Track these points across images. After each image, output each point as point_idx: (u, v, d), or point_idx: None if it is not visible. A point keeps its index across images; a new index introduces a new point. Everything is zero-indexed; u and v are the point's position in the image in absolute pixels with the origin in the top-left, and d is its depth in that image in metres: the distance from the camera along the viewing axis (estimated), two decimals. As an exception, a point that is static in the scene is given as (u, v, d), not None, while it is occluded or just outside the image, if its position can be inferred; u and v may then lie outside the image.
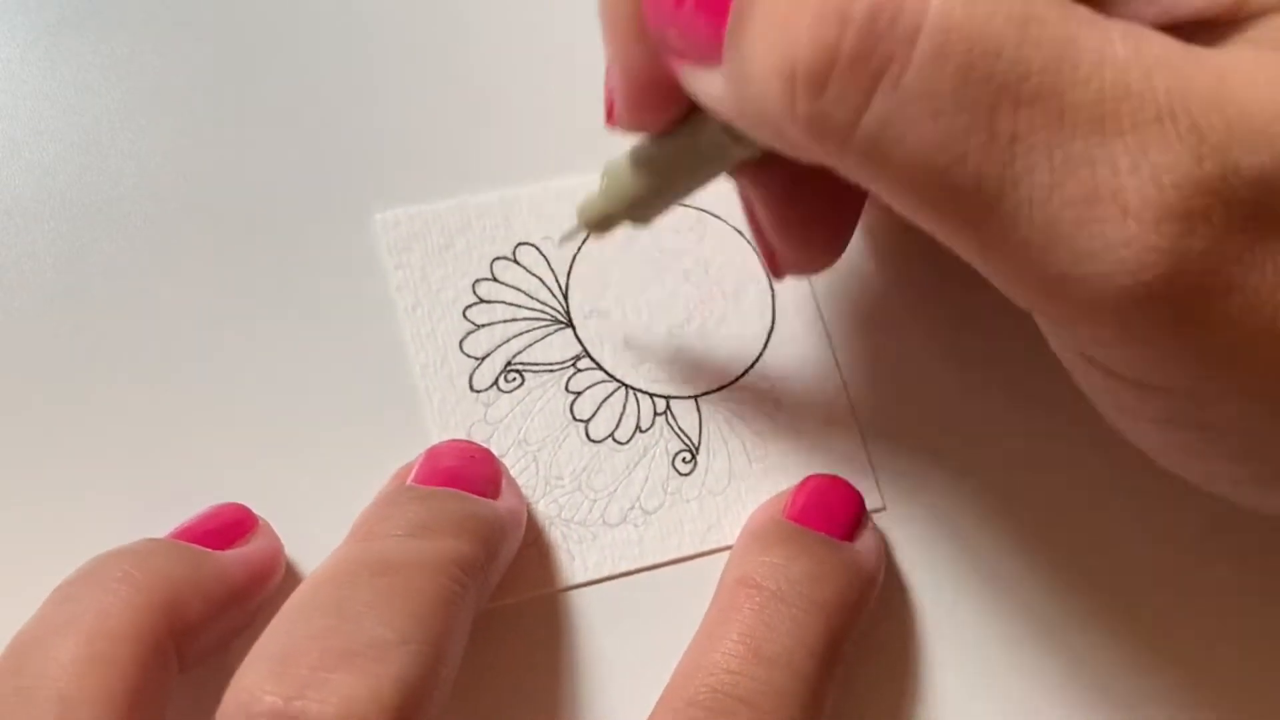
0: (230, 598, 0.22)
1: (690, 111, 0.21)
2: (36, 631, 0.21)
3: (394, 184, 0.28)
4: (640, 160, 0.23)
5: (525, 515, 0.25)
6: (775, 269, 0.26)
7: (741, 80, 0.18)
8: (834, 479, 0.26)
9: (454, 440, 0.26)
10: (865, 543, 0.25)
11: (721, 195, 0.27)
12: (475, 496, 0.24)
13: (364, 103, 0.29)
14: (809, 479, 0.26)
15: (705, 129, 0.21)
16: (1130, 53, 0.16)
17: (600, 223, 0.24)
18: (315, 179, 0.28)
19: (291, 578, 0.25)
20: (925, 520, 0.27)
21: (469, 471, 0.24)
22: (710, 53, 0.19)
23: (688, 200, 0.26)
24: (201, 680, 0.22)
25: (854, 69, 0.17)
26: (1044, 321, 0.19)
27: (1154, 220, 0.16)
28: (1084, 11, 0.17)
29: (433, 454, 0.25)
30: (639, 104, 0.22)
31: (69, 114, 0.28)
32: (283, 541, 0.25)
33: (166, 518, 0.24)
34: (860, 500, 0.26)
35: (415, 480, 0.24)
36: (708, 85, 0.19)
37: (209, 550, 0.23)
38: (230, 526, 0.24)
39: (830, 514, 0.25)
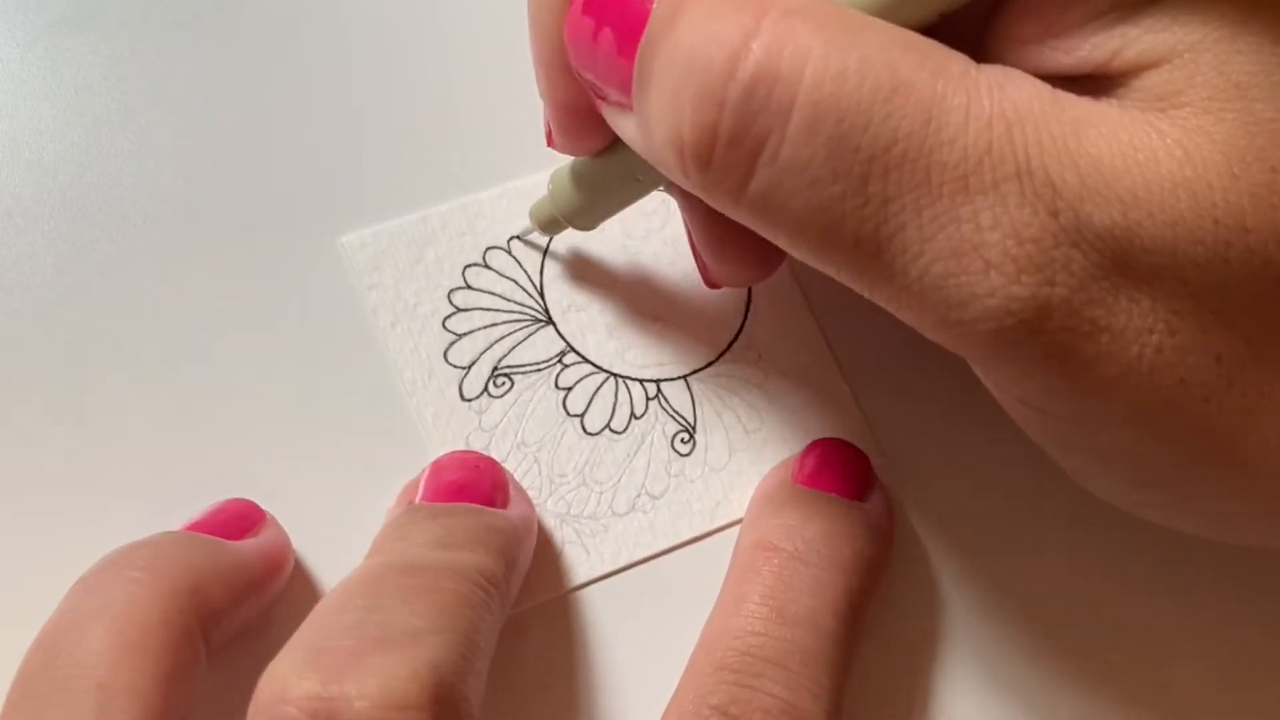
0: (248, 585, 0.23)
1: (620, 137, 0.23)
2: (64, 623, 0.21)
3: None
4: (578, 175, 0.25)
5: (536, 520, 0.25)
6: (707, 281, 0.27)
7: (645, 134, 0.19)
8: (839, 442, 0.26)
9: (456, 452, 0.26)
10: (876, 502, 0.25)
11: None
12: (487, 509, 0.24)
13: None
14: (814, 443, 0.26)
15: (631, 155, 0.23)
16: (994, 107, 0.17)
17: (548, 225, 0.26)
18: (317, 180, 0.28)
19: (300, 573, 0.25)
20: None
21: (476, 483, 0.24)
22: (624, 99, 0.20)
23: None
24: (220, 672, 0.22)
25: (733, 147, 0.18)
26: None
27: (1014, 272, 0.17)
28: (956, 65, 0.18)
29: (437, 468, 0.25)
30: (570, 132, 0.23)
31: (69, 114, 0.28)
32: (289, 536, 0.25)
33: (169, 516, 0.24)
34: (867, 460, 0.26)
35: (423, 498, 0.24)
36: (625, 126, 0.21)
37: (224, 541, 0.23)
38: (240, 519, 0.24)
39: (839, 475, 0.25)
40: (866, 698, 0.25)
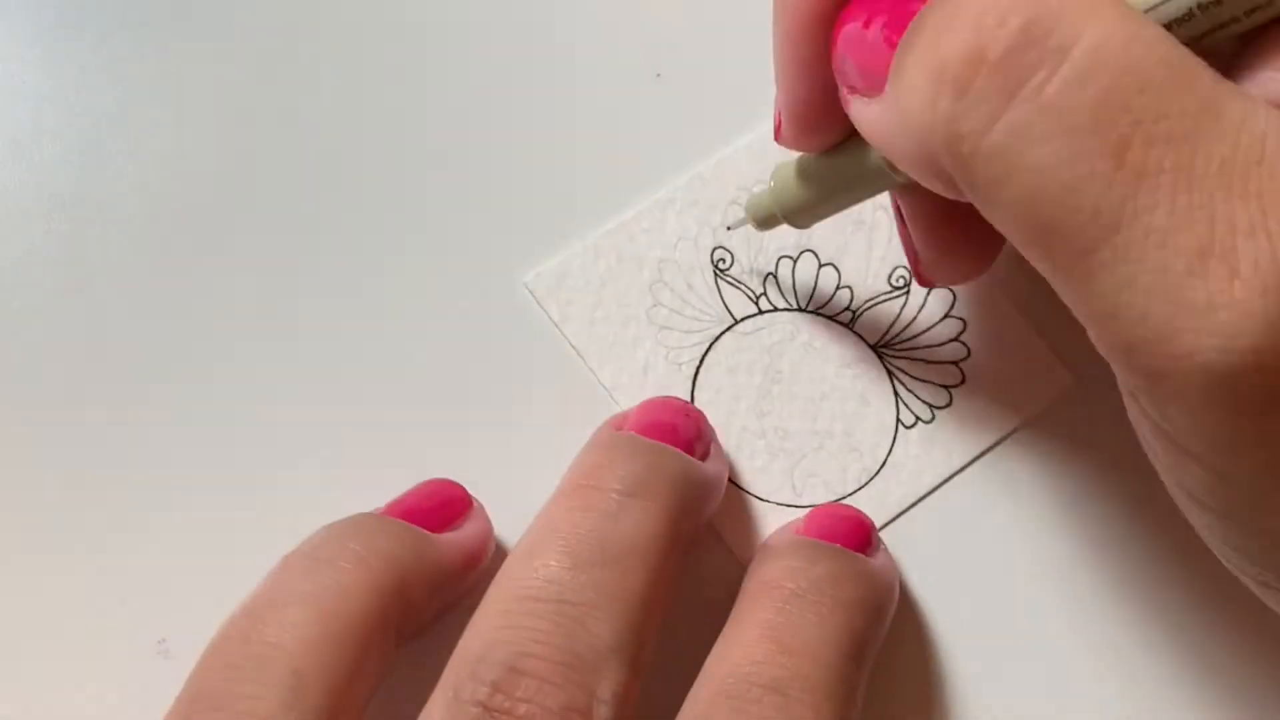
0: (446, 582, 0.23)
1: (852, 135, 0.23)
2: (271, 599, 0.21)
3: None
4: (805, 172, 0.25)
5: (726, 481, 0.26)
6: (920, 278, 0.26)
7: (897, 92, 0.19)
8: (842, 506, 0.26)
9: (666, 398, 0.26)
10: (880, 559, 0.25)
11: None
12: (689, 457, 0.24)
13: (364, 106, 0.29)
14: (816, 508, 0.26)
15: (868, 155, 0.23)
16: (1271, 124, 0.16)
17: (764, 220, 0.26)
18: (317, 180, 0.28)
19: (499, 556, 0.25)
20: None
21: (683, 428, 0.25)
22: (877, 83, 0.20)
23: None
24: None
25: (1000, 71, 0.17)
26: (1123, 375, 0.19)
27: (1261, 288, 0.16)
28: (1233, 85, 0.17)
29: (649, 405, 0.25)
30: (803, 127, 0.23)
31: (69, 114, 0.28)
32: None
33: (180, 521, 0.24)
34: (870, 523, 0.26)
35: (631, 429, 0.25)
36: (869, 115, 0.20)
37: (429, 534, 0.23)
38: (447, 506, 0.24)
39: (843, 533, 0.25)
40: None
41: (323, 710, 0.20)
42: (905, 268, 0.28)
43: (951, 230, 0.24)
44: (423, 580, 0.23)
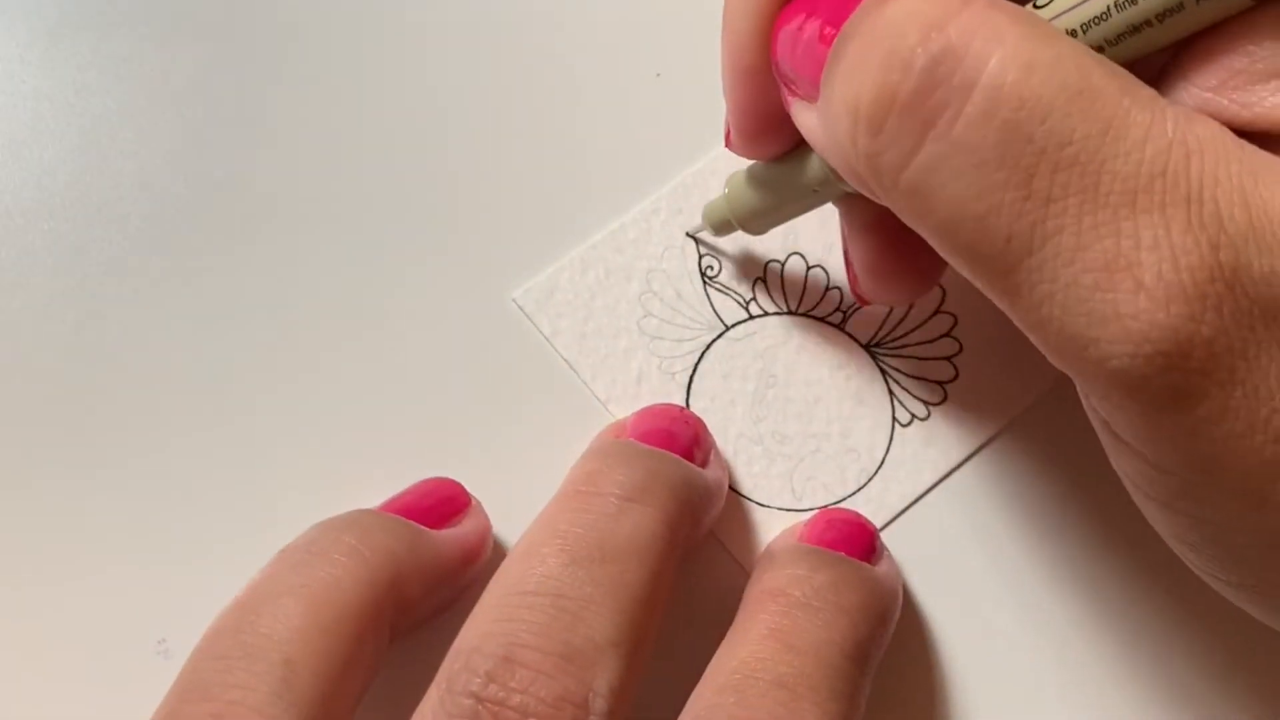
0: (443, 577, 0.23)
1: (799, 144, 0.24)
2: (264, 592, 0.22)
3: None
4: (755, 179, 0.25)
5: (726, 486, 0.26)
6: (856, 295, 0.27)
7: (824, 114, 0.20)
8: (846, 511, 0.26)
9: (664, 405, 0.26)
10: (884, 567, 0.25)
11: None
12: (688, 462, 0.24)
13: (360, 107, 0.29)
14: (821, 512, 0.26)
15: (809, 163, 0.23)
16: (1178, 134, 0.17)
17: (720, 226, 0.27)
18: (317, 180, 0.28)
19: (497, 555, 0.25)
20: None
21: (681, 435, 0.25)
22: (814, 88, 0.20)
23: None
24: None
25: (909, 113, 0.18)
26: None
27: (1164, 298, 0.17)
28: (1145, 92, 0.17)
29: (646, 413, 0.26)
30: (750, 136, 0.24)
31: (69, 114, 0.28)
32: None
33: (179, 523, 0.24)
34: (874, 530, 0.26)
35: (630, 435, 0.25)
36: (808, 118, 0.21)
37: (426, 530, 0.24)
38: (445, 503, 0.25)
39: (846, 540, 0.25)
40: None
41: (313, 700, 0.20)
42: None
43: (889, 248, 0.24)
44: (418, 574, 0.23)
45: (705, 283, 0.28)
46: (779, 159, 0.24)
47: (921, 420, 0.27)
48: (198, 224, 0.27)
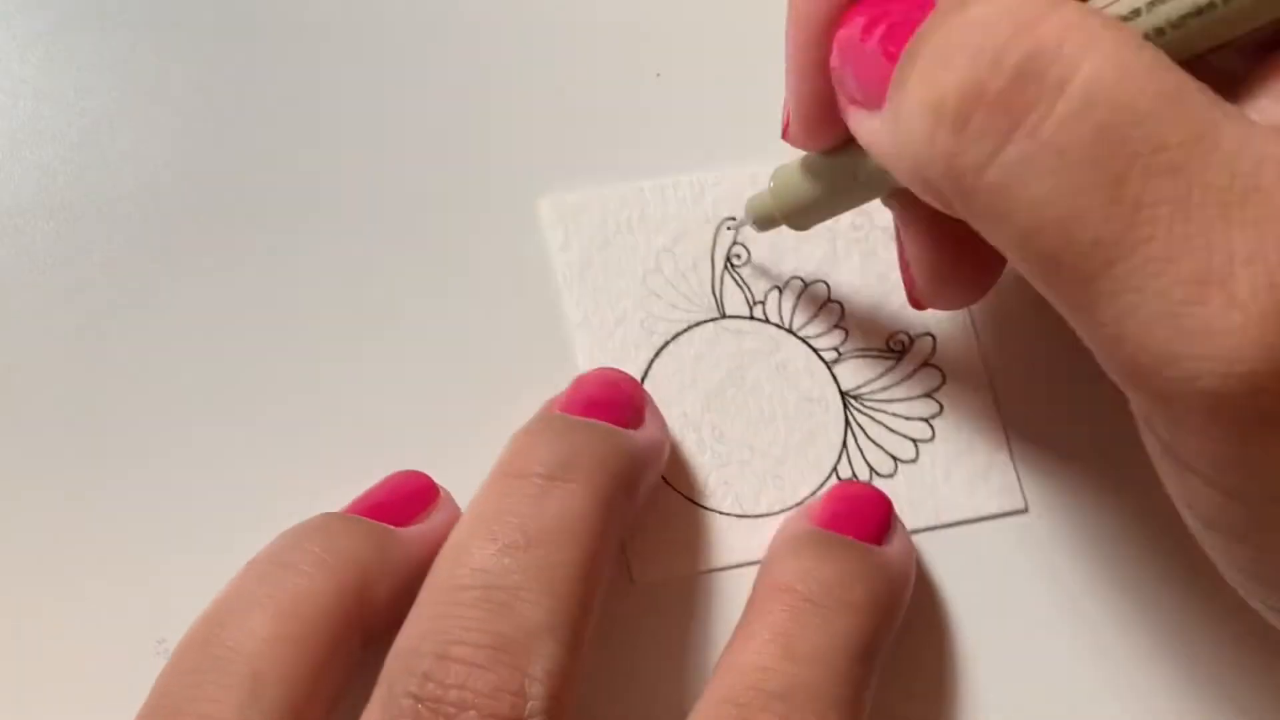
0: (414, 578, 0.23)
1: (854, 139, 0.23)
2: (231, 605, 0.22)
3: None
4: (808, 171, 0.25)
5: (667, 447, 0.26)
6: (914, 301, 0.26)
7: (895, 117, 0.19)
8: (859, 484, 0.26)
9: (601, 369, 0.26)
10: (895, 546, 0.25)
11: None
12: (617, 428, 0.24)
13: (353, 108, 0.29)
14: (836, 486, 0.26)
15: (866, 156, 0.23)
16: (1269, 149, 0.17)
17: (764, 220, 0.26)
18: (317, 180, 0.28)
19: None
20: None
21: (612, 398, 0.25)
22: (877, 97, 0.20)
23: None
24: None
25: (998, 109, 0.17)
26: (1132, 398, 0.19)
27: (1259, 315, 0.16)
28: (1232, 108, 0.17)
29: (579, 382, 0.25)
30: (810, 127, 0.23)
31: (69, 114, 0.28)
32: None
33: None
34: (888, 504, 0.26)
35: (562, 408, 0.25)
36: (869, 126, 0.21)
37: (394, 529, 0.23)
38: (413, 498, 0.24)
39: (858, 519, 0.25)
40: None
41: (283, 711, 0.20)
42: (907, 334, 0.28)
43: (948, 247, 0.24)
44: (387, 577, 0.22)
45: (727, 268, 0.28)
46: (832, 151, 0.24)
47: (890, 478, 0.27)
48: (198, 224, 0.27)
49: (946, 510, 0.27)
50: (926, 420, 0.27)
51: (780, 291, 0.28)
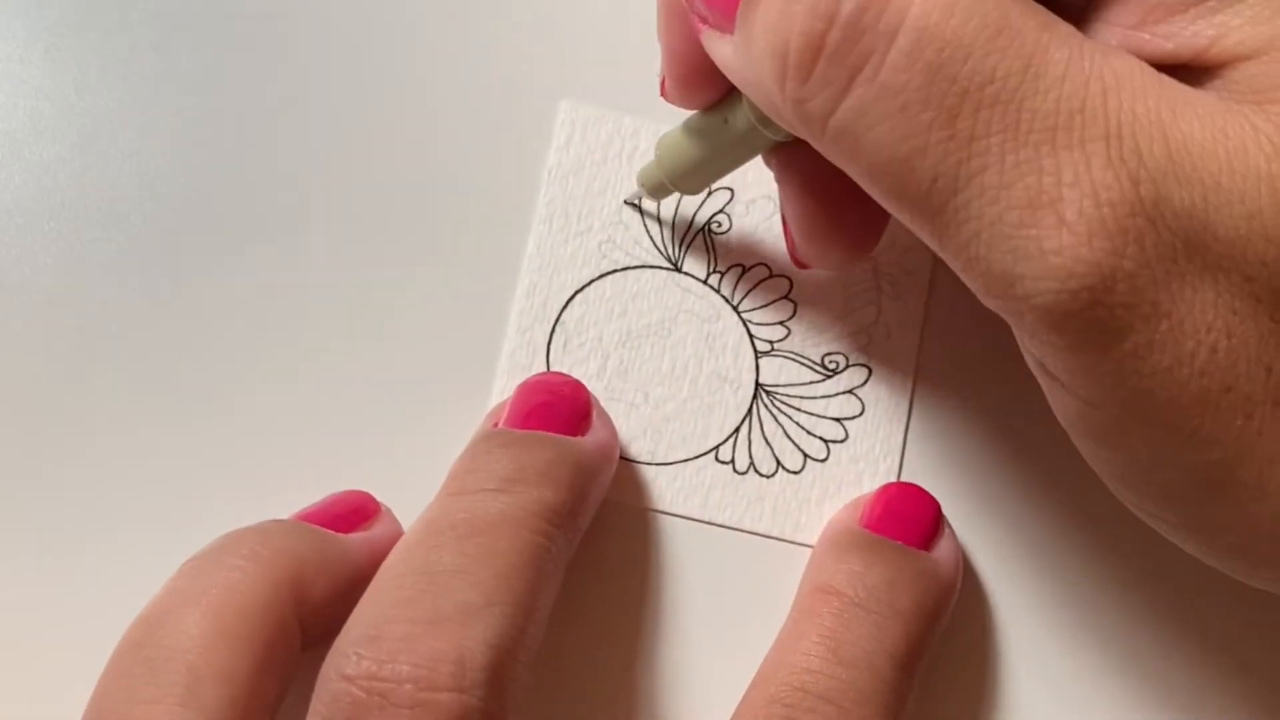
0: (354, 578, 0.23)
1: (729, 93, 0.23)
2: (165, 605, 0.21)
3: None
4: (688, 132, 0.25)
5: (617, 447, 0.26)
6: (795, 259, 0.27)
7: (746, 52, 0.20)
8: (910, 486, 0.26)
9: (544, 374, 0.26)
10: (942, 551, 0.25)
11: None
12: (563, 438, 0.24)
13: (354, 108, 0.29)
14: (886, 487, 0.26)
15: (740, 109, 0.23)
16: (1095, 69, 0.17)
17: (655, 189, 0.26)
18: (316, 180, 0.28)
19: None
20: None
21: (556, 407, 0.25)
22: (726, 21, 0.20)
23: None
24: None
25: (836, 60, 0.18)
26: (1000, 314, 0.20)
27: (1086, 233, 0.17)
28: (1064, 28, 0.18)
29: (521, 391, 0.25)
30: (683, 82, 0.23)
31: (69, 114, 0.28)
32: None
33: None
34: (937, 507, 0.25)
35: (506, 422, 0.24)
36: (721, 50, 0.21)
37: (332, 533, 0.23)
38: (354, 512, 0.24)
39: (906, 522, 0.25)
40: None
41: (220, 705, 0.20)
42: (842, 353, 0.27)
43: (825, 205, 0.24)
44: (325, 575, 0.22)
45: (706, 231, 0.28)
46: (711, 108, 0.24)
47: (736, 473, 0.27)
48: (198, 224, 0.27)
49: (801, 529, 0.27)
50: (825, 441, 0.27)
51: (744, 270, 0.28)
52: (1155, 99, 0.17)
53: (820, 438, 0.27)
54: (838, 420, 0.27)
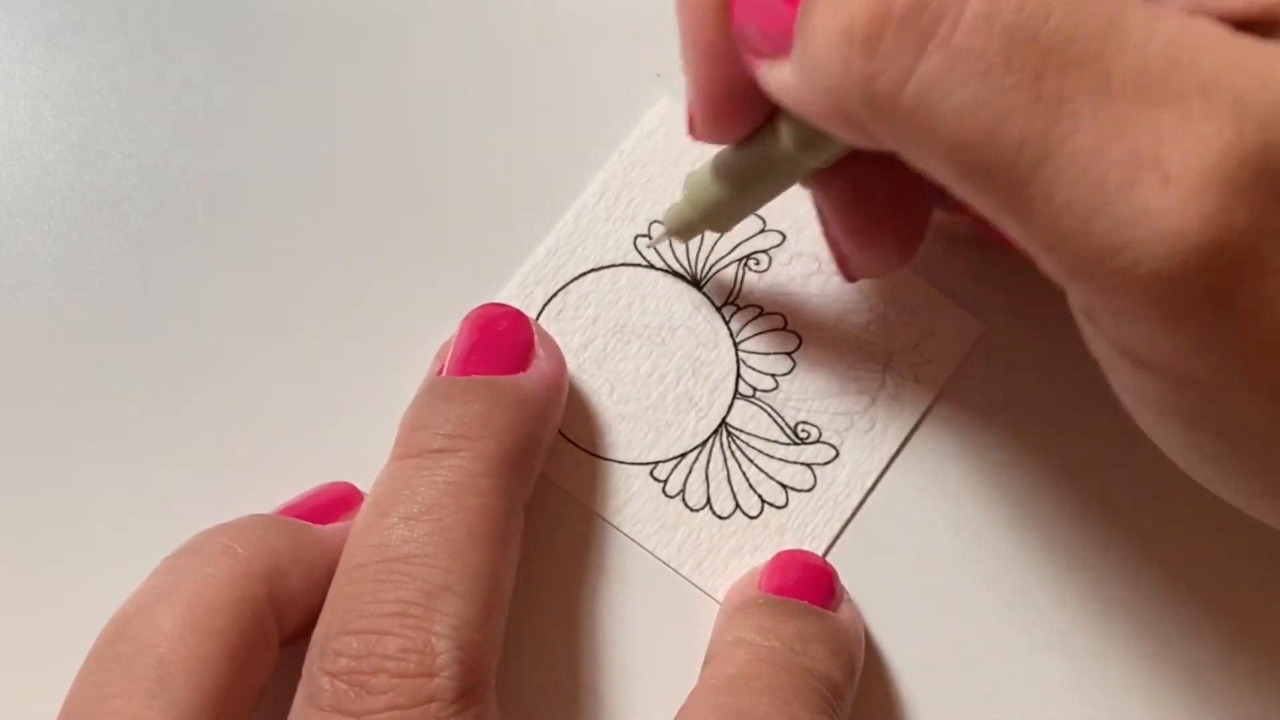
0: (330, 568, 0.23)
1: (763, 125, 0.23)
2: (138, 602, 0.21)
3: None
4: (719, 169, 0.24)
5: (564, 376, 0.26)
6: (846, 273, 0.26)
7: (806, 55, 0.19)
8: (803, 554, 0.26)
9: (483, 308, 0.26)
10: (845, 612, 0.25)
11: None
12: (502, 381, 0.24)
13: (353, 108, 0.29)
14: (780, 554, 0.26)
15: (777, 139, 0.22)
16: (1179, 28, 0.16)
17: (683, 229, 0.26)
18: (316, 180, 0.28)
19: None
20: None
21: (493, 343, 0.25)
22: (783, 43, 0.19)
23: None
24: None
25: (906, 27, 0.17)
26: (1077, 301, 0.19)
27: (1196, 190, 0.16)
28: None
29: (461, 332, 0.25)
30: (715, 116, 0.23)
31: (69, 114, 0.28)
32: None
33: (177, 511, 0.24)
34: (832, 572, 0.25)
35: (448, 368, 0.24)
36: (779, 75, 0.20)
37: (309, 525, 0.23)
38: (335, 503, 0.24)
39: (807, 585, 0.25)
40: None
41: (192, 696, 0.20)
42: (818, 427, 0.27)
43: (869, 212, 0.24)
44: (300, 565, 0.22)
45: (741, 262, 0.28)
46: (744, 142, 0.23)
47: (668, 497, 0.26)
48: (198, 224, 0.27)
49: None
50: (764, 501, 0.27)
51: (760, 313, 0.28)
52: (1245, 50, 0.17)
53: (760, 496, 0.27)
54: (784, 486, 0.27)
